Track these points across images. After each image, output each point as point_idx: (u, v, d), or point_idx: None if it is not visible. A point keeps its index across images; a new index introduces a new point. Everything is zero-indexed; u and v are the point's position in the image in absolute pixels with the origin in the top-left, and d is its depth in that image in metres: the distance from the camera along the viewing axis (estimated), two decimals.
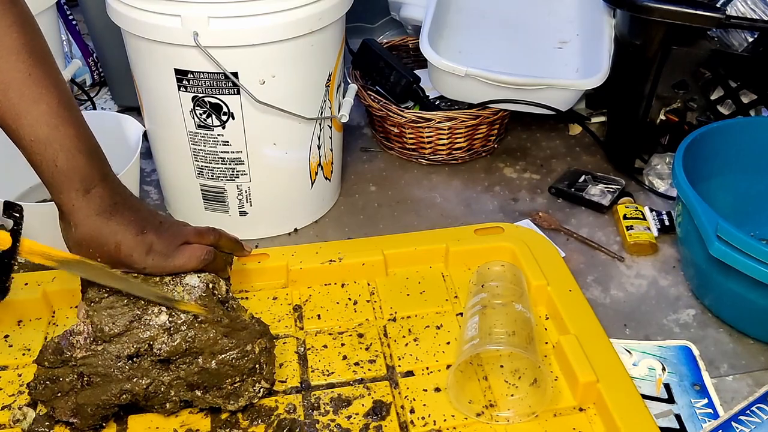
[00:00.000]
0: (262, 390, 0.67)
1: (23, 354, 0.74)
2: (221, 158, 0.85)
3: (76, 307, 0.78)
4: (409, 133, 1.04)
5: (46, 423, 0.66)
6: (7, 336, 0.76)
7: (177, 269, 0.66)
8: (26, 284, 0.79)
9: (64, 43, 1.18)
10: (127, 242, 0.63)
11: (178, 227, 0.68)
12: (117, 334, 0.64)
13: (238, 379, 0.66)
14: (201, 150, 0.84)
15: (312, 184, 0.92)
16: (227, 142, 0.83)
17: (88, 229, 0.63)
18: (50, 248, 0.63)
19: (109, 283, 0.64)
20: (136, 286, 0.65)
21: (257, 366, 0.66)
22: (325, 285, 0.81)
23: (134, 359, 0.64)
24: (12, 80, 0.60)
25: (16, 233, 0.61)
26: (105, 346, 0.64)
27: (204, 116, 0.81)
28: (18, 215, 0.62)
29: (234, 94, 0.80)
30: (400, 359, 0.73)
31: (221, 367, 0.65)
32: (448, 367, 0.71)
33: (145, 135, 0.90)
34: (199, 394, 0.66)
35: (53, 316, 0.78)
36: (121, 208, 0.64)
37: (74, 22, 1.21)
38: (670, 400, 0.70)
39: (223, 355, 0.65)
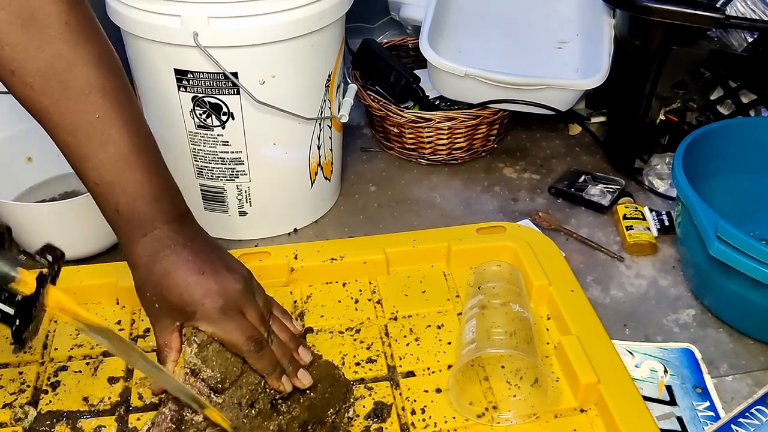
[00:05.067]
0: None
1: (24, 352, 0.73)
2: (221, 158, 0.85)
3: (78, 304, 0.78)
4: (408, 133, 1.04)
5: (47, 422, 0.66)
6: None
7: (218, 335, 0.59)
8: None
9: None
10: (179, 282, 0.59)
11: (246, 285, 0.61)
12: (233, 381, 0.60)
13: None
14: (201, 150, 0.84)
15: (312, 184, 0.92)
16: (227, 142, 0.83)
17: (144, 272, 0.60)
18: (79, 308, 0.55)
19: (135, 364, 0.58)
20: (164, 378, 0.59)
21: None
22: (327, 283, 0.81)
23: (253, 406, 0.60)
24: (80, 122, 0.58)
25: (42, 279, 0.53)
26: (225, 395, 0.60)
27: (204, 116, 0.81)
28: (53, 260, 0.54)
29: (234, 94, 0.80)
30: (401, 359, 0.73)
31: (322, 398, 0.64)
32: (449, 367, 0.71)
33: None
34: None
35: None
36: (179, 248, 0.60)
37: None
38: (672, 402, 0.70)
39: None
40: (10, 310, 0.52)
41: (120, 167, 0.59)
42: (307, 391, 0.64)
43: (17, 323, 0.52)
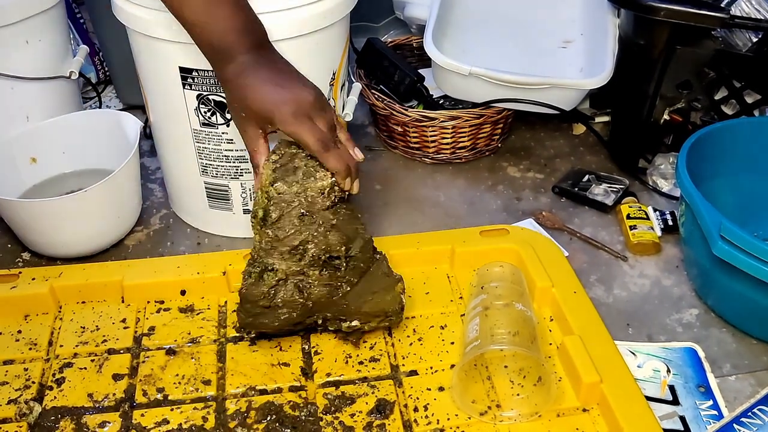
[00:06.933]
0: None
1: (30, 348, 0.74)
2: (225, 156, 0.85)
3: (83, 302, 0.79)
4: (413, 132, 1.04)
5: (52, 418, 0.67)
6: (17, 331, 0.76)
7: (293, 136, 0.69)
8: (33, 279, 0.79)
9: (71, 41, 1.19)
10: (259, 93, 0.69)
11: (316, 98, 0.70)
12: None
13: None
14: (205, 148, 0.85)
15: None
16: (231, 140, 0.83)
17: (232, 87, 0.70)
18: None
19: None
20: None
21: None
22: None
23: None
24: None
25: None
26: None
27: (208, 114, 0.82)
28: None
29: None
30: (404, 358, 0.73)
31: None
32: (452, 366, 0.72)
33: (145, 131, 0.91)
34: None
35: (60, 311, 0.79)
36: (260, 68, 0.69)
37: (81, 21, 1.22)
38: (675, 401, 0.70)
39: None
40: None
41: (210, 10, 0.68)
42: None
43: None
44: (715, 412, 0.69)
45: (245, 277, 0.70)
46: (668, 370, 0.74)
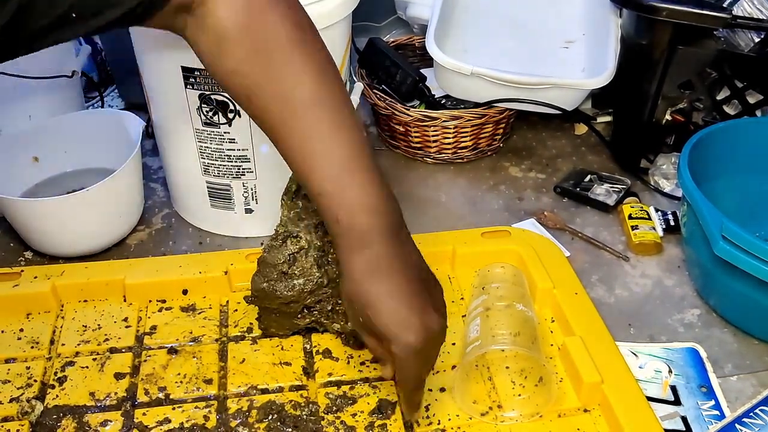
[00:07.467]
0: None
1: (31, 347, 0.74)
2: (227, 156, 0.85)
3: (85, 300, 0.79)
4: (414, 132, 1.04)
5: (54, 416, 0.67)
6: (19, 329, 0.76)
7: (400, 363, 0.61)
8: (35, 277, 0.79)
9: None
10: (387, 314, 0.59)
11: (442, 329, 0.62)
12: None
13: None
14: (207, 147, 0.85)
15: None
16: (233, 139, 0.84)
17: (356, 287, 0.60)
18: None
19: None
20: None
21: None
22: None
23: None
24: (304, 136, 0.61)
25: None
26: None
27: (210, 114, 0.82)
28: None
29: None
30: None
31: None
32: (453, 367, 0.72)
33: (147, 130, 0.91)
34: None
35: (62, 310, 0.79)
36: (394, 274, 0.60)
37: None
38: (677, 402, 0.70)
39: None
40: None
41: (341, 179, 0.61)
42: None
43: None
44: (717, 413, 0.69)
45: (266, 246, 0.72)
46: (670, 371, 0.74)
